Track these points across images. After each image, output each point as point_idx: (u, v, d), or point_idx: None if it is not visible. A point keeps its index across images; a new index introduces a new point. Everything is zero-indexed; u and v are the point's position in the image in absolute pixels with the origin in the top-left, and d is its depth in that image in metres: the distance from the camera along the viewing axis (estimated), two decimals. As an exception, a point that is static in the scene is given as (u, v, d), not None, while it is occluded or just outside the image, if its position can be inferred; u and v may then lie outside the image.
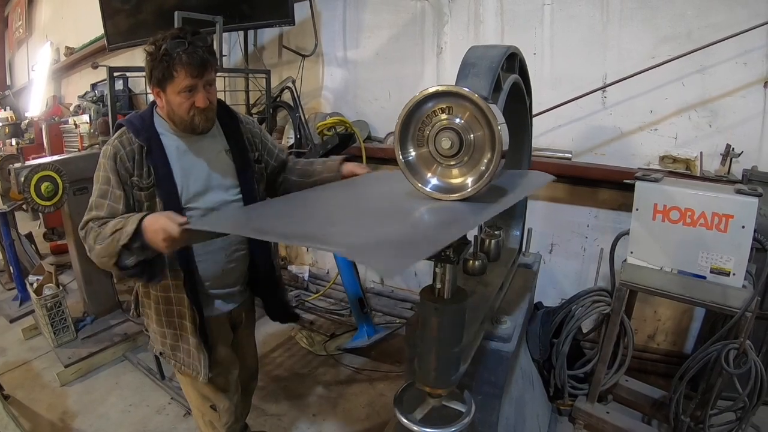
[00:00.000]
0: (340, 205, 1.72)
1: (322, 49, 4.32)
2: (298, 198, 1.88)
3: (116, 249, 1.61)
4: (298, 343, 3.90)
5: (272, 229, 1.46)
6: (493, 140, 1.41)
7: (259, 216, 1.70)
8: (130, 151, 1.79)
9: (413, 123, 1.51)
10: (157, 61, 1.71)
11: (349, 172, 2.15)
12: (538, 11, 3.40)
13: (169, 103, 1.80)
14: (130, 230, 1.58)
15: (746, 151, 2.94)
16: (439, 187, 1.48)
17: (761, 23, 2.71)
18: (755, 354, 2.35)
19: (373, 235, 1.23)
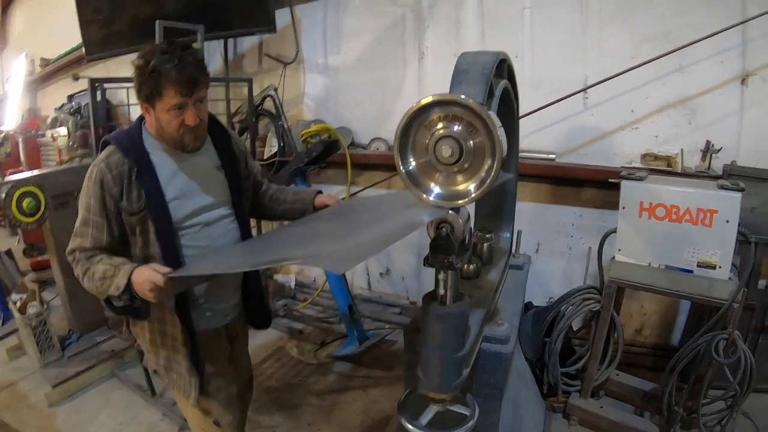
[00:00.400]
0: (309, 232, 1.83)
1: (302, 55, 4.32)
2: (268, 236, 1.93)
3: (105, 294, 1.66)
4: (288, 352, 3.87)
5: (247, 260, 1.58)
6: (492, 146, 1.42)
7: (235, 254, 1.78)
8: (118, 175, 1.72)
9: (412, 132, 1.51)
10: (146, 77, 1.66)
11: (322, 204, 2.13)
12: (519, 15, 3.45)
13: (158, 120, 1.74)
14: (120, 284, 1.61)
15: (725, 147, 3.03)
16: (443, 195, 1.49)
17: (737, 23, 2.79)
18: (743, 343, 2.41)
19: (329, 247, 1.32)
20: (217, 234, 1.91)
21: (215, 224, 1.91)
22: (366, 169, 4.18)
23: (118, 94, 4.38)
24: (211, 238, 1.89)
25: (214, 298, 2.00)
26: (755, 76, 2.95)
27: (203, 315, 1.98)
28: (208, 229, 1.89)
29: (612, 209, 3.37)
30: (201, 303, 1.96)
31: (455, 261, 1.50)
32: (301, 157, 3.81)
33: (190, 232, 1.84)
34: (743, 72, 2.95)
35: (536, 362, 3.09)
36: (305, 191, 2.22)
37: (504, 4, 3.49)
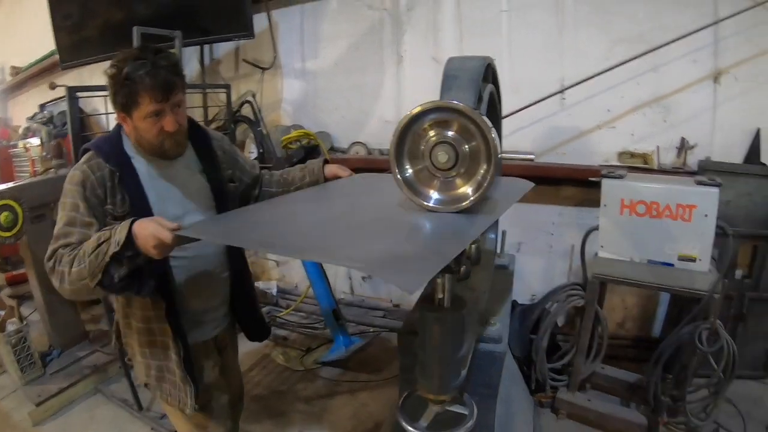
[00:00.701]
0: (335, 216, 1.71)
1: (280, 60, 4.29)
2: (284, 204, 1.86)
3: (103, 263, 1.48)
4: (274, 360, 3.85)
5: (276, 241, 1.43)
6: (488, 150, 1.44)
7: (253, 225, 1.63)
8: (100, 177, 1.68)
9: (407, 140, 1.52)
10: (119, 85, 1.61)
11: (333, 174, 2.11)
12: (496, 18, 3.50)
13: (136, 129, 1.70)
14: (121, 237, 1.46)
15: (700, 143, 3.14)
16: (441, 200, 1.51)
17: (709, 24, 2.90)
18: (725, 332, 2.51)
19: (383, 249, 1.24)
20: (204, 242, 1.84)
21: None
22: (347, 173, 4.17)
23: (92, 103, 4.31)
24: (197, 247, 1.84)
25: (202, 310, 1.98)
26: (727, 74, 3.07)
27: (192, 327, 1.94)
28: None
29: (591, 207, 3.47)
30: (189, 316, 1.92)
31: (454, 265, 1.53)
32: (282, 163, 3.80)
33: None
34: (716, 70, 3.07)
35: (523, 359, 3.15)
36: (312, 162, 2.18)
37: (481, 8, 3.54)
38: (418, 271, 1.04)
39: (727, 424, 2.83)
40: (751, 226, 3.04)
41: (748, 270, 3.15)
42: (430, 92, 3.77)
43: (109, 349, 3.63)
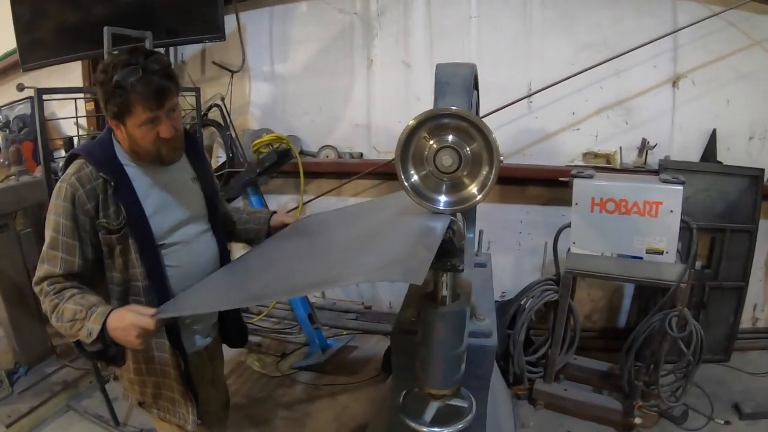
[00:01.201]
0: (307, 253, 1.76)
1: (248, 63, 4.25)
2: (250, 262, 1.89)
3: (74, 337, 1.51)
4: (249, 367, 3.79)
5: (268, 290, 1.49)
6: (490, 151, 1.52)
7: (233, 284, 1.69)
8: (92, 190, 1.59)
9: (410, 148, 1.57)
10: (110, 93, 1.52)
11: (279, 223, 2.10)
12: (465, 23, 3.62)
13: (131, 137, 1.61)
14: (93, 330, 1.45)
15: (659, 143, 3.35)
16: (450, 201, 1.57)
17: (669, 32, 3.10)
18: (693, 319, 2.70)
19: (372, 261, 1.33)
20: (199, 251, 1.84)
21: (196, 240, 1.83)
22: (316, 177, 4.18)
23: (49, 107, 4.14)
24: (193, 256, 1.81)
25: (198, 318, 1.92)
26: (685, 79, 3.31)
27: (188, 339, 1.89)
28: (190, 247, 1.81)
29: (557, 205, 3.65)
30: (187, 324, 1.88)
31: (458, 263, 1.59)
32: (254, 167, 3.77)
33: (171, 251, 1.75)
34: (675, 75, 3.30)
35: (500, 354, 3.25)
36: (260, 211, 2.20)
37: (451, 14, 3.65)
38: (417, 264, 1.13)
39: (695, 405, 3.05)
40: (709, 219, 3.29)
41: (707, 261, 3.39)
42: (401, 96, 3.91)
43: (79, 364, 3.50)
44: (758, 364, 3.55)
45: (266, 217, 2.11)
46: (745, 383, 3.38)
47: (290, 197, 4.34)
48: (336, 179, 4.13)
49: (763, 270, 3.71)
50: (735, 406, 3.07)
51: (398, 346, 2.08)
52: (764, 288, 3.77)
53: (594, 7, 3.41)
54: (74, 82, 4.30)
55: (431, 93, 3.87)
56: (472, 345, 2.20)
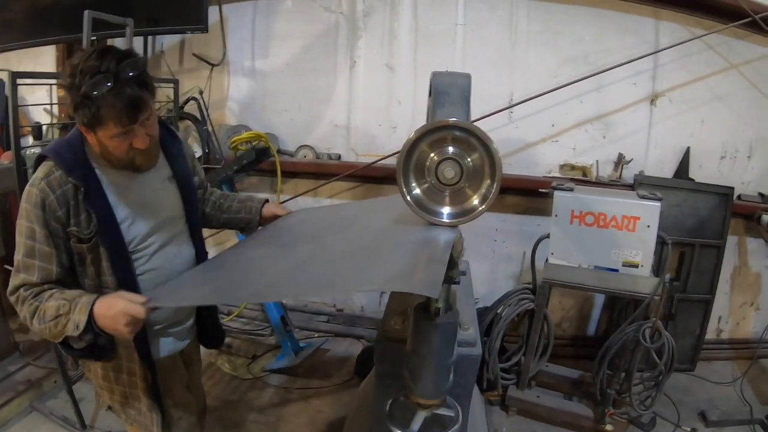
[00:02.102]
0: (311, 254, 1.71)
1: (228, 57, 4.15)
2: (248, 253, 1.86)
3: (61, 335, 1.44)
4: (220, 369, 3.72)
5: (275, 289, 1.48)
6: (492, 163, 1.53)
7: (231, 279, 1.64)
8: (62, 195, 1.50)
9: (412, 160, 1.54)
10: (78, 102, 1.40)
11: (271, 214, 2.07)
12: (451, 31, 3.64)
13: (102, 145, 1.51)
14: (79, 321, 1.39)
15: (635, 158, 3.45)
16: (453, 214, 1.57)
17: (651, 52, 3.21)
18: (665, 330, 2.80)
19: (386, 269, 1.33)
20: (173, 254, 1.77)
21: (171, 244, 1.76)
22: (293, 177, 4.13)
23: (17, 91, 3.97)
24: (167, 259, 1.74)
25: (172, 322, 1.86)
26: (663, 97, 3.43)
27: (161, 342, 1.83)
28: (164, 251, 1.74)
29: (533, 215, 3.72)
30: (158, 329, 1.81)
31: (455, 274, 1.60)
32: (231, 164, 3.71)
33: (144, 255, 1.68)
34: (653, 93, 3.42)
35: (475, 360, 3.29)
36: (252, 200, 2.13)
37: (438, 20, 3.67)
38: (433, 277, 1.15)
39: (662, 413, 3.18)
40: (680, 234, 3.41)
41: (676, 274, 3.52)
42: (382, 99, 3.90)
43: (43, 362, 3.36)
44: (722, 374, 3.73)
45: (258, 207, 2.07)
46: (710, 392, 3.55)
47: (266, 196, 4.23)
48: (313, 180, 4.08)
49: (729, 284, 3.90)
50: (701, 414, 3.23)
51: (383, 354, 2.08)
52: (729, 301, 3.96)
53: (579, 23, 3.50)
54: (46, 67, 4.13)
55: (413, 97, 3.95)
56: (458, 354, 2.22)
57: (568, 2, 3.53)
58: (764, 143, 3.71)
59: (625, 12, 3.49)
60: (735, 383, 3.56)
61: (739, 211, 3.62)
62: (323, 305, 4.50)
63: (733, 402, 3.41)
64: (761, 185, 3.78)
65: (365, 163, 3.79)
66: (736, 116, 3.64)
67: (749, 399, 3.41)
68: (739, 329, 4.08)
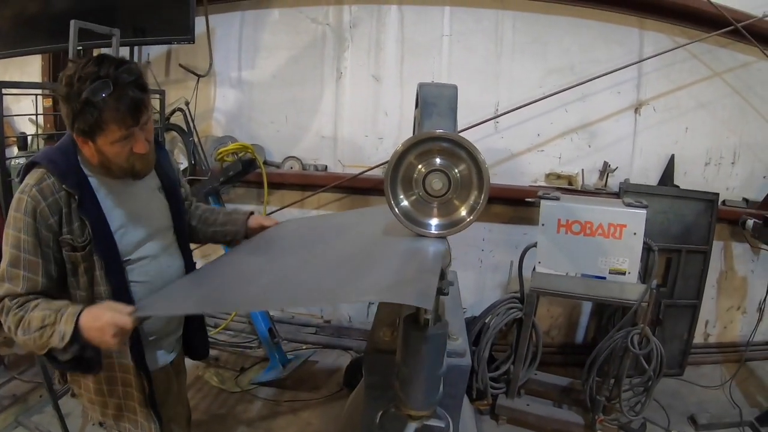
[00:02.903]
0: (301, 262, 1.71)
1: (215, 68, 4.14)
2: (238, 262, 1.85)
3: (46, 346, 1.41)
4: (207, 382, 3.68)
5: (268, 297, 1.46)
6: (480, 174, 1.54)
7: (221, 288, 1.62)
8: (54, 202, 1.49)
9: (400, 172, 1.54)
10: (78, 109, 1.39)
11: (258, 225, 2.05)
12: (437, 41, 3.67)
13: (101, 153, 1.50)
14: (65, 332, 1.37)
15: (620, 167, 3.49)
16: (441, 225, 1.57)
17: (636, 61, 3.25)
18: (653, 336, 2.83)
19: (378, 279, 1.32)
20: (166, 265, 1.77)
21: (162, 255, 1.76)
22: (279, 188, 4.12)
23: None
24: (160, 270, 1.74)
25: (165, 333, 1.85)
26: (647, 106, 3.48)
27: (154, 353, 1.82)
28: (156, 261, 1.73)
29: (519, 224, 3.74)
30: (152, 341, 1.79)
31: (444, 286, 1.60)
32: (217, 176, 3.69)
33: (137, 266, 1.67)
34: (637, 102, 3.48)
35: (465, 370, 3.28)
36: (237, 212, 2.12)
37: (424, 31, 3.70)
38: (427, 288, 1.15)
39: (652, 418, 3.19)
40: (666, 240, 3.45)
41: (663, 280, 3.55)
42: (369, 110, 3.91)
43: (29, 376, 3.31)
44: (711, 378, 3.78)
45: (243, 219, 2.05)
46: (699, 396, 3.59)
47: (252, 207, 4.22)
48: (299, 191, 4.07)
49: (716, 288, 3.95)
50: (690, 417, 3.26)
51: (372, 365, 2.07)
52: (716, 305, 4.01)
53: (564, 34, 3.56)
54: (32, 76, 4.09)
55: (400, 108, 3.96)
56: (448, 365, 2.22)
57: (554, 13, 3.59)
58: (748, 149, 3.78)
59: (610, 23, 3.55)
60: (724, 386, 3.60)
61: (725, 217, 3.68)
62: (311, 317, 4.47)
63: (723, 405, 3.45)
64: (745, 190, 3.84)
65: (352, 175, 3.79)
66: (719, 123, 3.71)
67: (738, 401, 3.45)
68: (727, 333, 4.13)
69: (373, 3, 3.80)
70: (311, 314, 4.48)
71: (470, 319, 3.40)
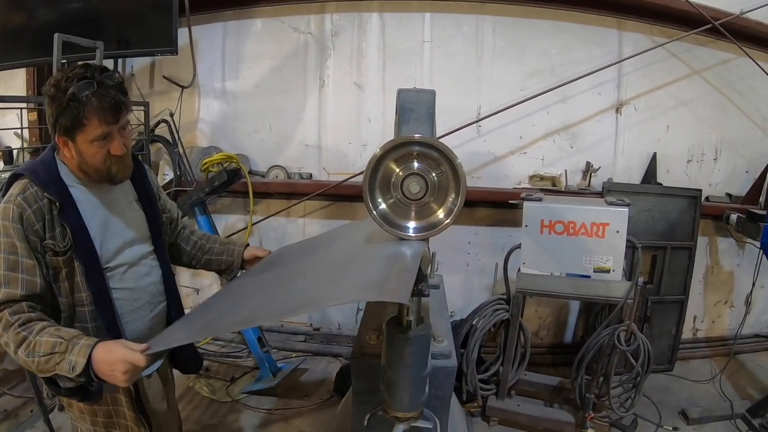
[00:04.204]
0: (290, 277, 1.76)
1: (198, 79, 4.15)
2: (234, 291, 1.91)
3: (51, 372, 1.43)
4: (198, 393, 3.66)
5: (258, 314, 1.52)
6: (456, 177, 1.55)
7: (219, 312, 1.67)
8: (38, 209, 1.54)
9: (378, 176, 1.57)
10: (63, 107, 1.49)
11: (252, 257, 2.11)
12: (418, 48, 3.71)
13: (80, 154, 1.58)
14: (77, 363, 1.39)
15: (603, 166, 3.53)
16: (419, 228, 1.59)
17: (615, 62, 3.29)
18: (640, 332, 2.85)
19: (358, 282, 1.37)
20: (144, 273, 1.81)
21: (141, 262, 1.80)
22: (265, 198, 4.13)
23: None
24: (138, 278, 1.78)
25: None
26: (628, 105, 3.53)
27: None
28: (135, 269, 1.77)
29: (504, 226, 3.78)
30: None
31: (424, 287, 1.61)
32: (203, 186, 3.68)
33: (116, 273, 1.71)
34: (618, 102, 3.53)
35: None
36: (233, 243, 2.18)
37: (405, 37, 3.73)
38: (403, 285, 1.17)
39: (643, 414, 3.22)
40: (651, 238, 3.49)
41: (649, 277, 3.59)
42: (352, 117, 3.93)
43: (19, 391, 3.28)
44: (701, 372, 3.81)
45: (240, 251, 2.12)
46: (689, 390, 3.62)
47: (238, 217, 4.25)
48: (285, 200, 4.08)
49: (702, 284, 4.00)
50: (681, 412, 3.29)
51: (359, 369, 2.08)
52: (704, 300, 4.06)
53: (544, 37, 3.61)
54: (16, 90, 4.07)
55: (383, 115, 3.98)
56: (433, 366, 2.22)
57: (533, 17, 3.63)
58: (730, 145, 3.85)
59: (589, 24, 3.61)
60: (714, 380, 3.64)
61: (709, 213, 3.73)
62: (300, 325, 4.47)
63: (713, 398, 3.48)
64: (728, 186, 3.91)
65: (336, 182, 3.80)
66: (700, 120, 3.77)
67: (729, 395, 3.49)
68: (715, 327, 4.18)
69: (355, 11, 3.83)
70: (300, 322, 4.48)
71: (458, 322, 3.41)
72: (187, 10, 3.77)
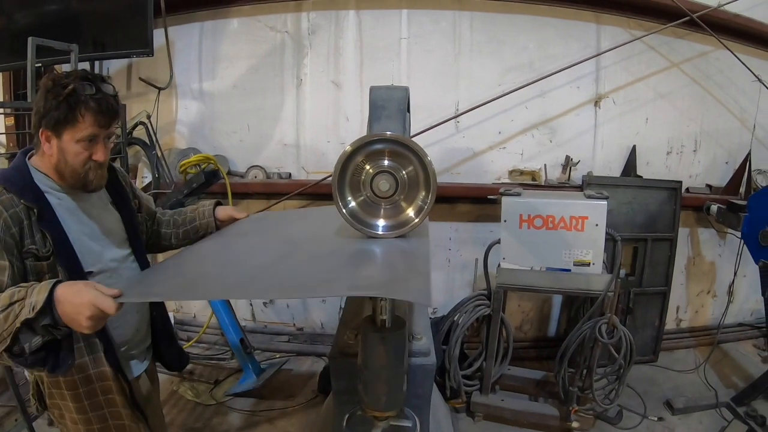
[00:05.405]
0: (283, 254, 1.68)
1: (175, 80, 4.10)
2: (218, 247, 1.84)
3: (13, 327, 1.30)
4: (182, 396, 3.63)
5: (251, 286, 1.42)
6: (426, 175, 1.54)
7: (204, 274, 1.59)
8: (15, 214, 1.50)
9: (347, 174, 1.55)
10: (59, 100, 1.49)
11: (228, 217, 2.09)
12: (396, 45, 3.69)
13: (62, 152, 1.56)
14: (38, 301, 1.28)
15: (583, 160, 3.54)
16: (388, 226, 1.57)
17: (593, 55, 3.30)
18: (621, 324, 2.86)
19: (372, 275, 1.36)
20: (126, 276, 1.77)
21: (121, 266, 1.78)
22: (245, 198, 4.09)
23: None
24: (120, 281, 1.72)
25: (133, 343, 1.85)
26: (607, 99, 3.55)
27: (128, 363, 1.82)
28: (117, 273, 1.74)
29: (485, 222, 3.77)
30: (124, 351, 1.79)
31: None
32: (181, 188, 3.64)
33: (99, 279, 1.65)
34: (597, 95, 3.54)
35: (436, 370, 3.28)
36: (201, 204, 2.13)
37: (382, 35, 3.71)
38: (422, 287, 1.17)
39: (628, 405, 3.25)
40: (631, 230, 3.51)
41: (631, 269, 3.60)
42: (330, 116, 3.91)
43: (4, 400, 3.23)
44: (685, 362, 3.85)
45: (210, 209, 2.09)
46: (674, 380, 3.65)
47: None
48: (265, 200, 4.05)
49: (685, 274, 4.03)
50: (666, 402, 3.32)
51: (338, 369, 2.06)
52: (686, 291, 4.09)
53: (521, 31, 3.61)
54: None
55: (361, 113, 3.97)
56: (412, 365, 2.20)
57: (511, 12, 3.62)
58: (709, 137, 3.87)
59: (567, 19, 3.61)
60: (698, 370, 3.67)
61: (689, 204, 3.75)
62: (284, 325, 4.44)
63: (698, 388, 3.51)
64: (708, 177, 3.94)
65: (315, 181, 3.78)
66: (679, 113, 3.79)
67: (713, 383, 3.52)
68: (698, 317, 4.21)
69: (331, 8, 3.81)
70: (284, 322, 4.46)
71: (439, 319, 3.40)
72: (163, 11, 3.73)
